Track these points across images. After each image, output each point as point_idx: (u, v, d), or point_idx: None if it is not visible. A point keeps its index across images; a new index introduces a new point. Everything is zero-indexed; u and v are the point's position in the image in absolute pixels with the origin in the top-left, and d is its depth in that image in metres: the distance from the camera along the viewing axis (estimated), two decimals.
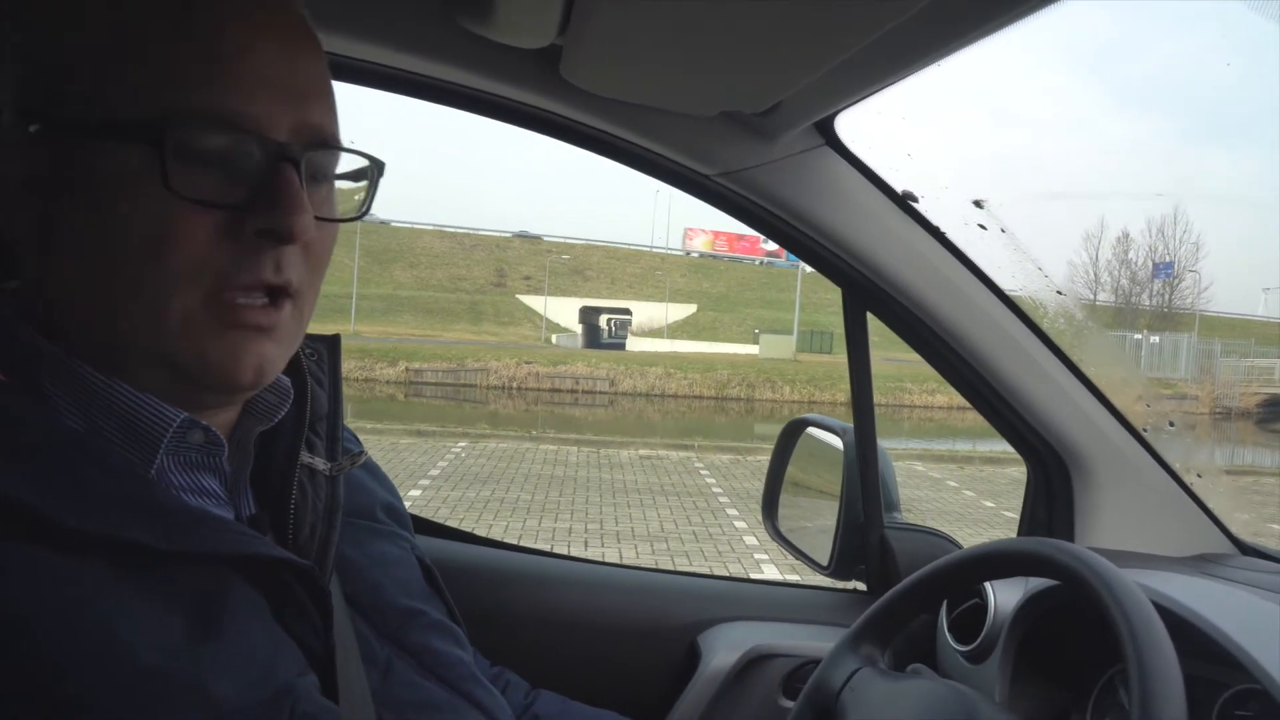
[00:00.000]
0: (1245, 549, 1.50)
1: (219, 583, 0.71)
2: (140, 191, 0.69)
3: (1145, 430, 1.53)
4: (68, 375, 0.72)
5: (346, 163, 0.81)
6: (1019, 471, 1.67)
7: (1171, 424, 1.61)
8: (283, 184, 0.72)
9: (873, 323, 1.57)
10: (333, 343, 1.00)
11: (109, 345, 0.73)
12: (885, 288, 1.44)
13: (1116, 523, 1.51)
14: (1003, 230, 1.43)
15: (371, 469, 1.08)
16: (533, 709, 1.20)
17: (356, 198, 0.84)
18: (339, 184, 0.82)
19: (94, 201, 0.70)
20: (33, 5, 0.74)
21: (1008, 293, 1.46)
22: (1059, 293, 1.56)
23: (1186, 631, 1.01)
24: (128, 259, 0.70)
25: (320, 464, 0.90)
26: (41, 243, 0.73)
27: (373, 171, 0.83)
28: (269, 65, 0.72)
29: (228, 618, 0.69)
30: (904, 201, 1.41)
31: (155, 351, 0.73)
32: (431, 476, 12.00)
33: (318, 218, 0.76)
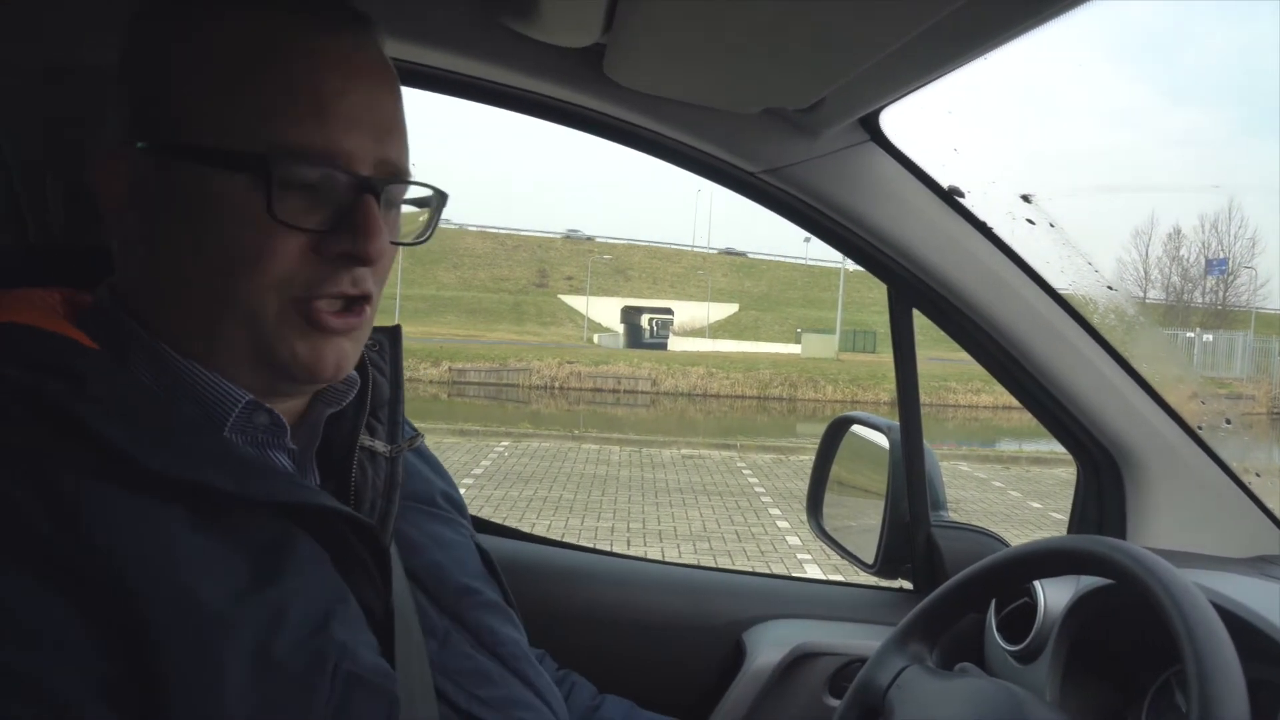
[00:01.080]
0: None
1: (284, 533, 0.77)
2: (244, 213, 0.77)
3: (1200, 428, 1.49)
4: (151, 352, 0.82)
5: (412, 189, 0.90)
6: (1066, 472, 1.64)
7: (1228, 421, 1.57)
8: (364, 213, 0.81)
9: (916, 321, 1.55)
10: (394, 334, 1.07)
11: (200, 336, 0.82)
12: (931, 284, 1.43)
13: (1170, 522, 1.48)
14: (1051, 225, 1.41)
15: (431, 461, 1.14)
16: (599, 712, 1.22)
17: (420, 219, 0.92)
18: (405, 209, 0.91)
19: (200, 217, 0.79)
20: (151, 35, 0.83)
21: (1057, 289, 1.43)
22: (1110, 288, 1.53)
23: (1247, 633, 0.99)
24: (228, 269, 0.79)
25: (381, 446, 0.97)
26: (145, 243, 0.82)
27: (435, 200, 0.92)
28: (358, 106, 0.81)
29: (290, 568, 0.75)
30: (950, 197, 1.40)
31: (249, 345, 0.81)
32: (475, 475, 12.09)
33: (395, 243, 0.86)
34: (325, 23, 0.82)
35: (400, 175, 0.85)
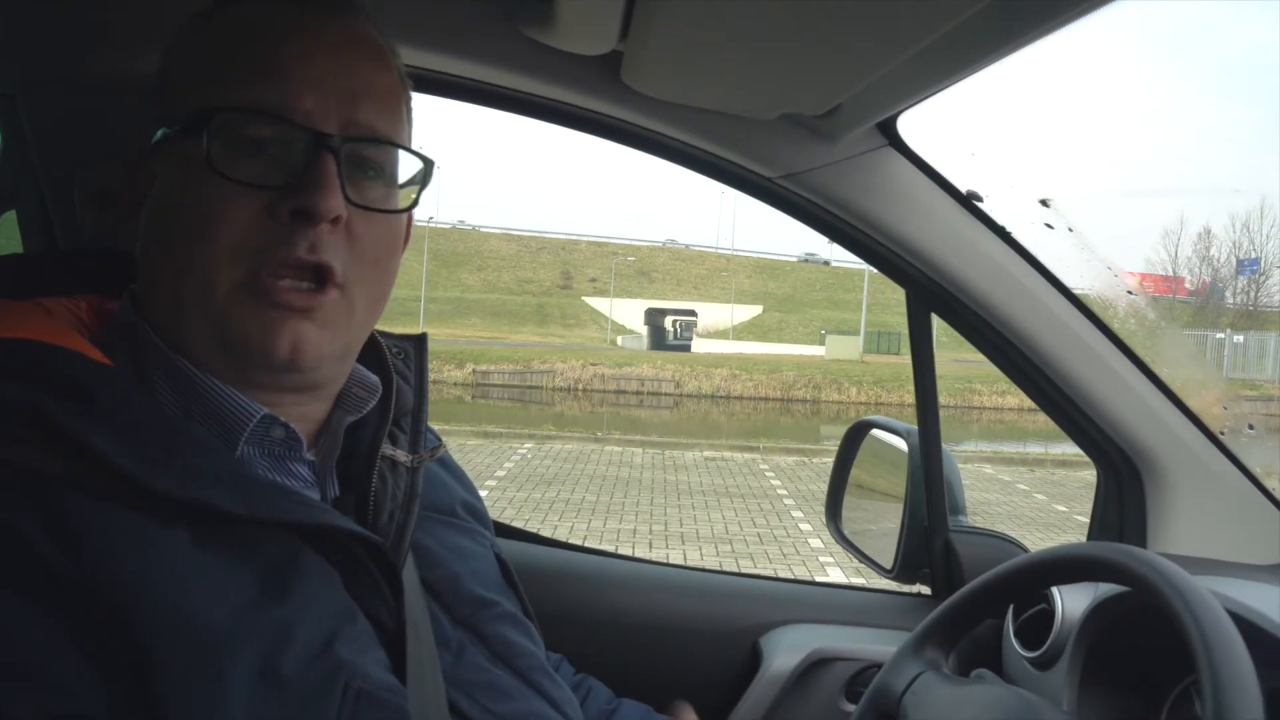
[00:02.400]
0: None
1: (292, 552, 0.76)
2: (192, 175, 0.78)
3: (1222, 433, 1.48)
4: (169, 366, 0.81)
5: (410, 167, 0.88)
6: (1093, 474, 1.63)
7: (1251, 427, 1.56)
8: (317, 168, 0.79)
9: (941, 323, 1.55)
10: (419, 342, 1.07)
11: (176, 327, 0.81)
12: (950, 289, 1.43)
13: (1191, 528, 1.47)
14: (1070, 229, 1.41)
15: (454, 470, 1.13)
16: (615, 716, 1.21)
17: (413, 196, 0.90)
18: (406, 189, 0.89)
19: (164, 191, 0.81)
20: (171, 42, 0.87)
21: (1076, 293, 1.43)
22: (1130, 292, 1.52)
23: (1266, 642, 0.98)
24: (182, 240, 0.79)
25: (402, 456, 0.95)
26: (141, 241, 0.83)
27: (423, 171, 0.89)
28: (324, 70, 0.81)
29: (297, 586, 0.74)
30: (968, 201, 1.40)
31: (206, 326, 0.80)
32: (498, 477, 12.14)
33: (360, 205, 0.82)
34: (311, 6, 0.83)
35: (375, 138, 0.83)
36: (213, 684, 0.66)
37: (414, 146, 0.90)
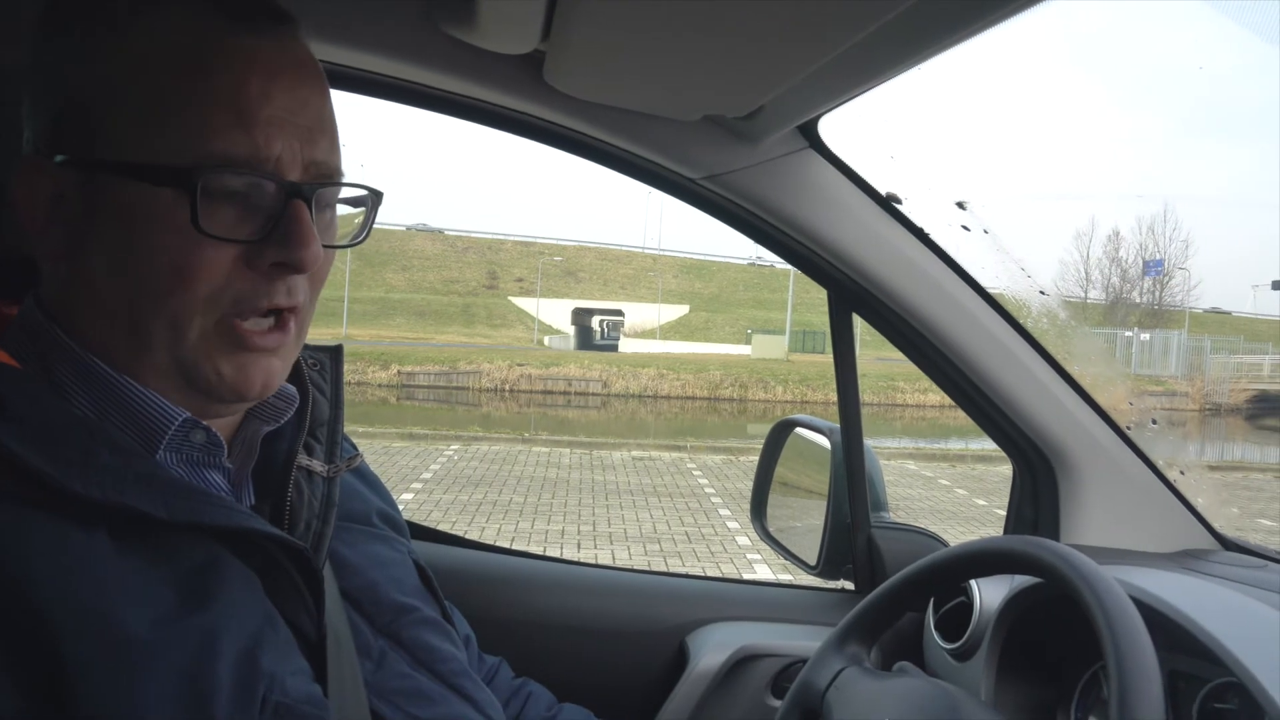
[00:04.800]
0: (1228, 544, 1.51)
1: (213, 557, 0.75)
2: (170, 227, 0.75)
3: (1129, 428, 1.54)
4: (83, 369, 0.79)
5: (347, 189, 0.87)
6: (1010, 469, 1.68)
7: (1154, 421, 1.62)
8: (295, 220, 0.78)
9: (865, 322, 1.58)
10: (335, 353, 1.06)
11: (129, 352, 0.79)
12: (870, 289, 1.45)
13: (1101, 520, 1.52)
14: (985, 231, 1.44)
15: (370, 480, 1.12)
16: None
17: (356, 221, 0.90)
18: (340, 209, 0.89)
19: (125, 231, 0.77)
20: (64, 40, 0.80)
21: (991, 293, 1.47)
22: (1042, 293, 1.57)
23: (1167, 627, 1.02)
24: (155, 285, 0.77)
25: (318, 466, 0.95)
26: (70, 258, 0.80)
27: (370, 200, 0.89)
28: (283, 109, 0.79)
29: (219, 593, 0.73)
30: (888, 203, 1.42)
31: (173, 365, 0.79)
32: (424, 480, 11.98)
33: (329, 247, 0.83)
34: (246, 24, 0.79)
35: (332, 176, 0.83)
36: (130, 695, 0.65)
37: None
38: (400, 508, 1.15)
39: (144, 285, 0.77)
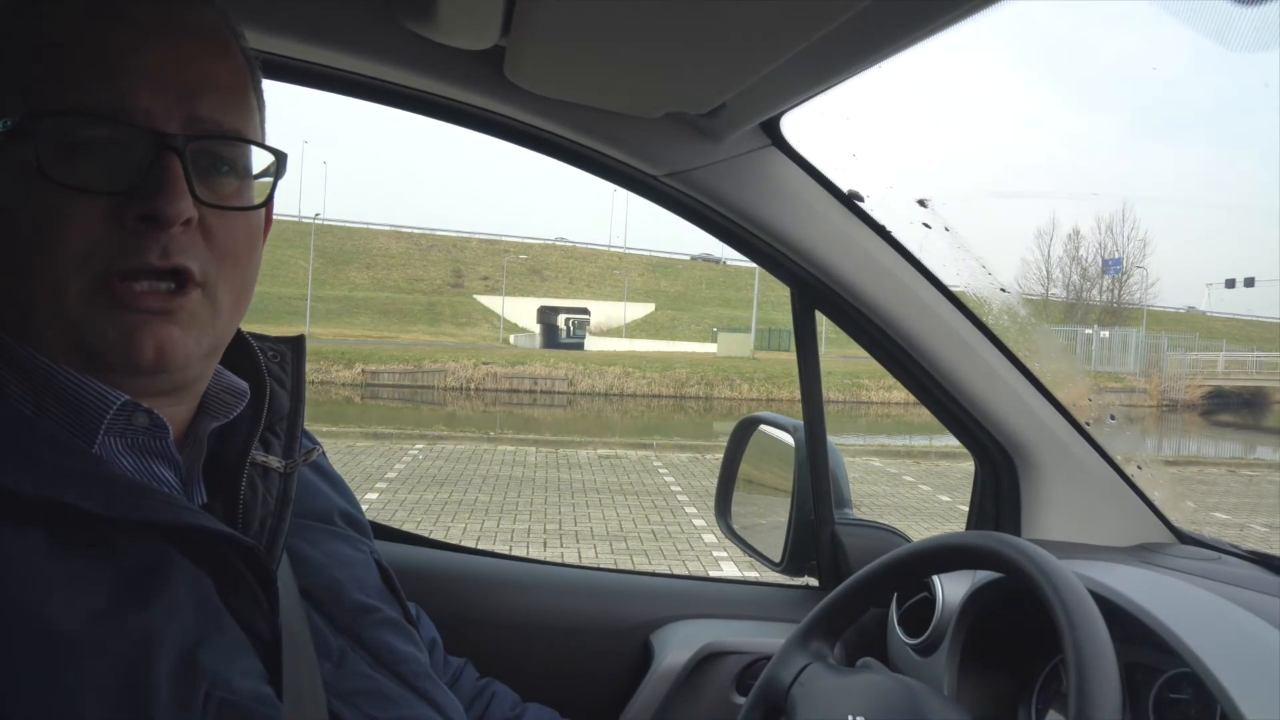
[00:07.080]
0: (1184, 538, 1.54)
1: (159, 557, 0.73)
2: (24, 182, 0.74)
3: (1088, 424, 1.56)
4: (15, 359, 0.77)
5: (264, 158, 0.85)
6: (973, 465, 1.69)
7: (1112, 417, 1.64)
8: (161, 171, 0.76)
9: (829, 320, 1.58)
10: (297, 345, 1.04)
11: (16, 323, 0.77)
12: (833, 286, 1.46)
13: (1061, 515, 1.53)
14: (946, 229, 1.45)
15: (332, 478, 1.10)
16: None
17: (267, 190, 0.87)
18: (262, 180, 0.86)
19: (4, 195, 0.76)
20: None
21: (953, 290, 1.48)
22: (1003, 290, 1.59)
23: (1124, 619, 1.04)
24: (22, 247, 0.75)
25: (274, 462, 0.93)
26: None
27: (276, 164, 0.86)
28: (160, 62, 0.77)
29: (161, 592, 0.71)
30: (850, 201, 1.43)
31: (59, 332, 0.77)
32: (389, 479, 11.88)
33: (210, 205, 0.79)
34: None
35: (221, 134, 0.80)
36: (62, 695, 0.64)
37: (266, 135, 0.87)
38: (364, 508, 1.13)
39: (15, 246, 0.75)
